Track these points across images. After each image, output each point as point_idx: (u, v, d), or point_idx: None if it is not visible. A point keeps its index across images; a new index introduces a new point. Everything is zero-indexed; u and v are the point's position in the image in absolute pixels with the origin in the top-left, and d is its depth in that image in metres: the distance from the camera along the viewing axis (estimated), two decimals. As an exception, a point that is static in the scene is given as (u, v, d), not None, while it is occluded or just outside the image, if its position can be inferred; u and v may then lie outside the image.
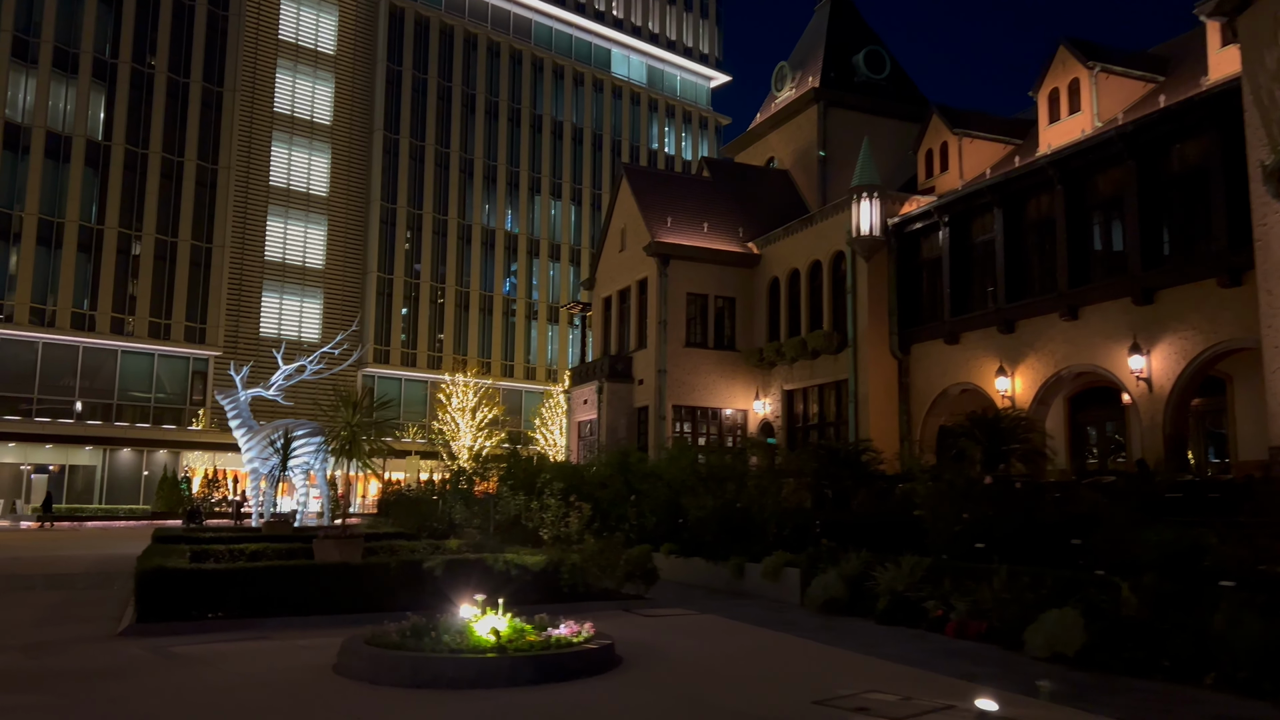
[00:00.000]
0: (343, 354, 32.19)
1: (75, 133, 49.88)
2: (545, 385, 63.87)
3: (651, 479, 17.73)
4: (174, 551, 13.85)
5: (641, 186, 36.82)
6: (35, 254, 48.37)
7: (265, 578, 11.57)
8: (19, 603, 14.15)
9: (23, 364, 48.22)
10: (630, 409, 35.51)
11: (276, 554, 15.89)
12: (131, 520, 45.93)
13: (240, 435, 28.54)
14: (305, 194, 58.78)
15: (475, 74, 64.61)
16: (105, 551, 25.15)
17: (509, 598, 12.27)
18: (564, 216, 68.04)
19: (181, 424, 52.44)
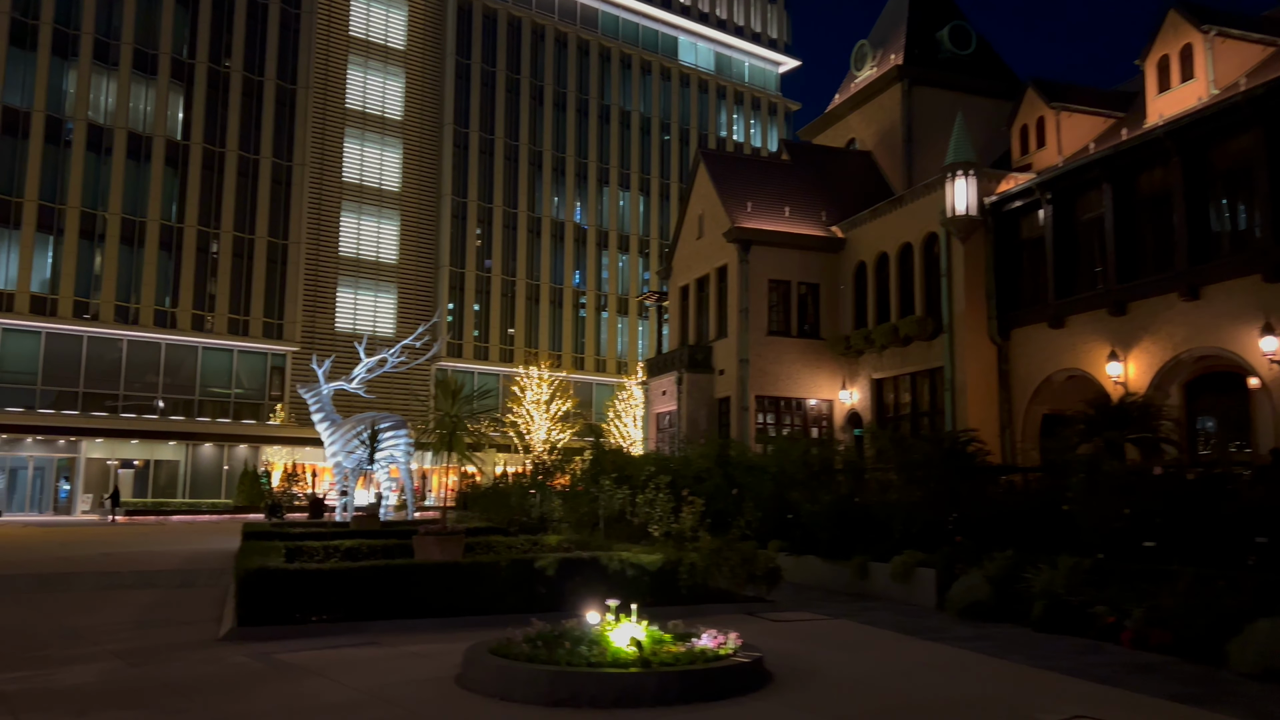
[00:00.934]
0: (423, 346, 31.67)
1: (155, 133, 50.31)
2: (615, 378, 63.13)
3: (756, 472, 16.66)
4: (270, 550, 13.20)
5: (719, 171, 35.69)
6: (119, 253, 48.93)
7: (369, 578, 10.79)
8: (115, 602, 13.63)
9: (108, 362, 48.83)
10: (710, 400, 34.45)
11: (373, 551, 15.21)
12: (214, 514, 46.24)
13: (323, 429, 28.17)
14: (378, 189, 58.73)
15: (543, 66, 63.97)
16: (194, 547, 24.90)
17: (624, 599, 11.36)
18: (632, 207, 67.14)
19: (260, 419, 52.73)
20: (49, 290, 47.31)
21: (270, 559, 11.37)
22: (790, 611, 12.04)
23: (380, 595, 10.83)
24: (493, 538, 16.25)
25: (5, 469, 47.31)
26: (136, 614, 12.36)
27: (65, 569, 18.48)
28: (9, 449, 46.76)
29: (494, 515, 23.06)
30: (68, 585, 15.56)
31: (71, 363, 47.77)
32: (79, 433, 47.18)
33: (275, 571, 10.38)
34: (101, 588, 15.31)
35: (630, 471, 20.53)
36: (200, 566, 19.22)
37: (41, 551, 22.90)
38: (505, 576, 11.14)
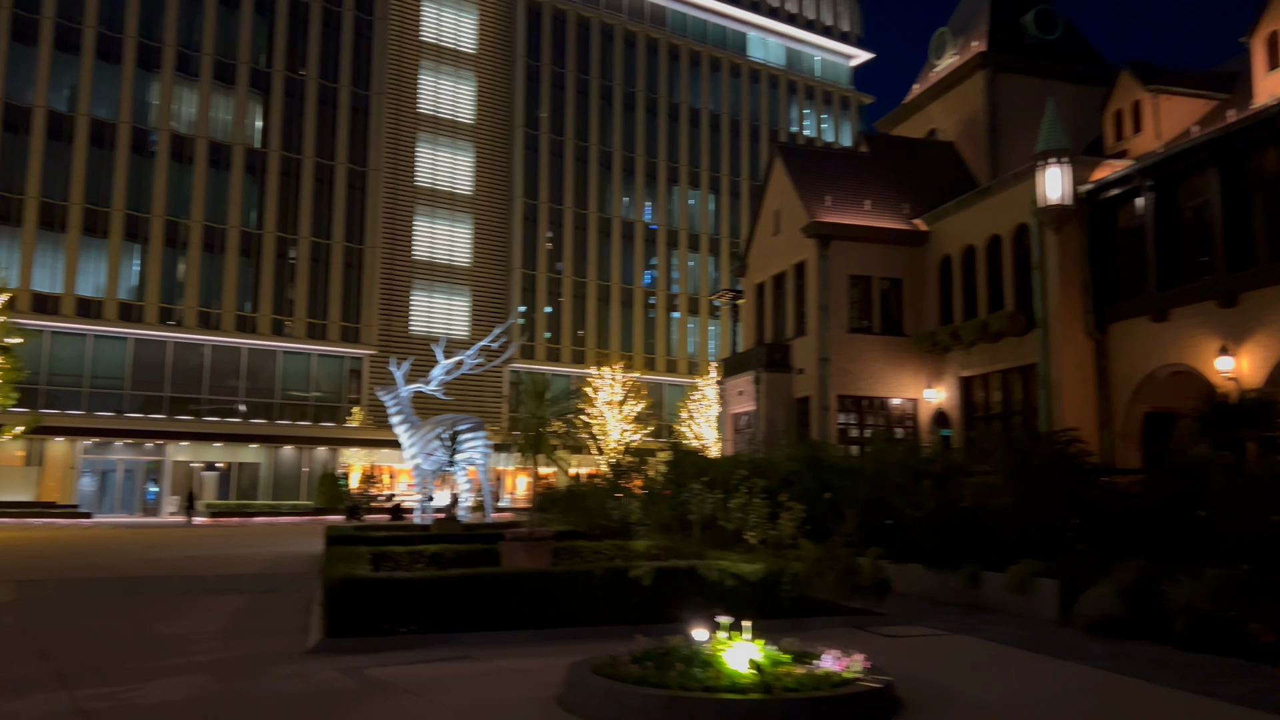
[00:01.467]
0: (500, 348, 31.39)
1: (235, 141, 51.13)
2: (686, 378, 62.43)
3: (850, 475, 15.83)
4: (356, 556, 12.82)
5: (796, 165, 34.75)
6: (201, 260, 49.81)
7: (459, 588, 10.28)
8: (201, 608, 13.40)
9: (192, 367, 49.74)
10: (789, 399, 33.54)
11: (458, 557, 14.77)
12: (295, 516, 46.73)
13: (402, 431, 28.01)
14: (450, 193, 58.95)
15: (612, 65, 63.61)
16: (276, 549, 24.89)
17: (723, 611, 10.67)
18: (703, 206, 66.38)
19: (338, 421, 53.24)
20: (136, 297, 48.34)
21: (357, 567, 10.95)
22: (902, 625, 11.23)
23: (470, 605, 10.32)
24: (577, 543, 15.70)
25: (97, 471, 48.46)
26: (222, 622, 12.07)
27: (152, 572, 18.46)
28: (100, 452, 47.88)
29: (574, 518, 22.56)
30: (155, 590, 15.45)
31: (157, 368, 48.75)
32: (165, 436, 48.11)
33: (363, 581, 9.93)
34: (187, 592, 15.14)
35: (714, 474, 19.86)
36: (283, 570, 19.05)
37: (129, 554, 23.07)
38: (599, 586, 10.54)
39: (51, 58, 46.72)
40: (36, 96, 46.20)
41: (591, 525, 20.19)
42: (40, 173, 46.03)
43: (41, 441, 45.38)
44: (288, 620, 12.02)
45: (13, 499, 44.13)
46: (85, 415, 46.24)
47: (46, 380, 45.78)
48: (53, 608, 13.50)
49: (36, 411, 40.87)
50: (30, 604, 13.86)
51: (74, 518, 42.50)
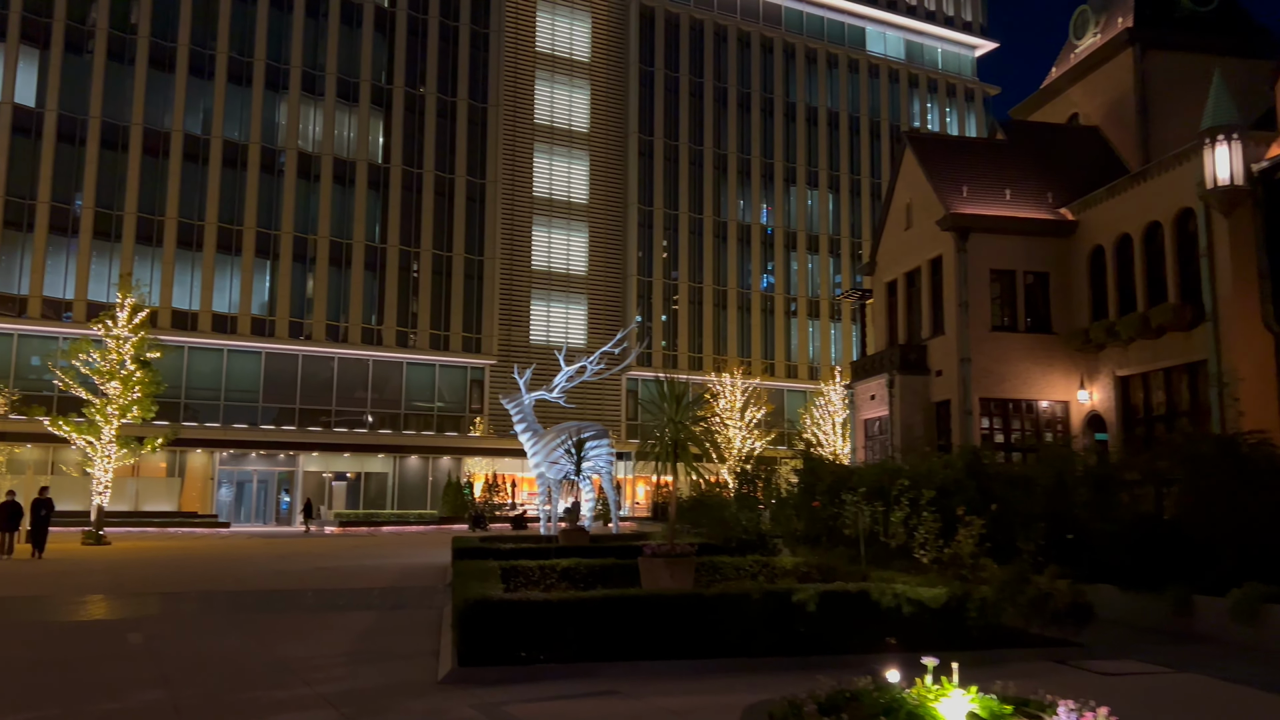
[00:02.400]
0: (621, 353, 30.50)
1: (358, 158, 51.98)
2: (807, 383, 60.54)
3: (1019, 485, 14.12)
4: (486, 572, 11.92)
5: (928, 155, 32.77)
6: (328, 275, 50.72)
7: (602, 612, 9.20)
8: (328, 626, 12.71)
9: (321, 379, 50.65)
10: (926, 403, 31.54)
11: (591, 573, 13.76)
12: (421, 525, 46.93)
13: (525, 439, 27.37)
14: (566, 202, 58.70)
15: (726, 67, 62.38)
16: (404, 560, 24.47)
17: (899, 641, 9.27)
18: (821, 206, 64.40)
19: (461, 431, 53.44)
20: (267, 312, 49.51)
21: (489, 586, 9.99)
22: (1109, 660, 9.60)
23: (613, 631, 9.22)
24: (716, 558, 14.48)
25: (233, 482, 49.80)
26: (349, 643, 11.31)
27: (281, 585, 18.09)
28: (236, 463, 49.16)
29: (705, 530, 21.32)
30: (282, 605, 14.94)
31: (288, 381, 49.80)
32: (296, 447, 49.08)
33: (497, 604, 8.94)
34: (315, 608, 14.55)
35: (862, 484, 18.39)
36: (411, 583, 18.44)
37: (260, 565, 22.97)
38: (757, 612, 9.30)
39: (187, 83, 48.35)
40: (174, 121, 47.86)
41: (725, 538, 18.93)
42: (178, 194, 47.63)
43: (182, 453, 46.85)
44: (417, 642, 11.17)
45: (157, 509, 45.63)
46: (222, 428, 47.52)
47: (186, 394, 47.24)
48: (182, 624, 13.05)
49: (176, 424, 42.07)
50: (161, 620, 13.46)
51: (212, 527, 43.60)
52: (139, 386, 31.69)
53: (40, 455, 44.07)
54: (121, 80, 47.10)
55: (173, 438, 35.81)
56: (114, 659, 10.39)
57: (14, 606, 14.81)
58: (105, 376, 31.55)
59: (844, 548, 14.32)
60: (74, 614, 14.00)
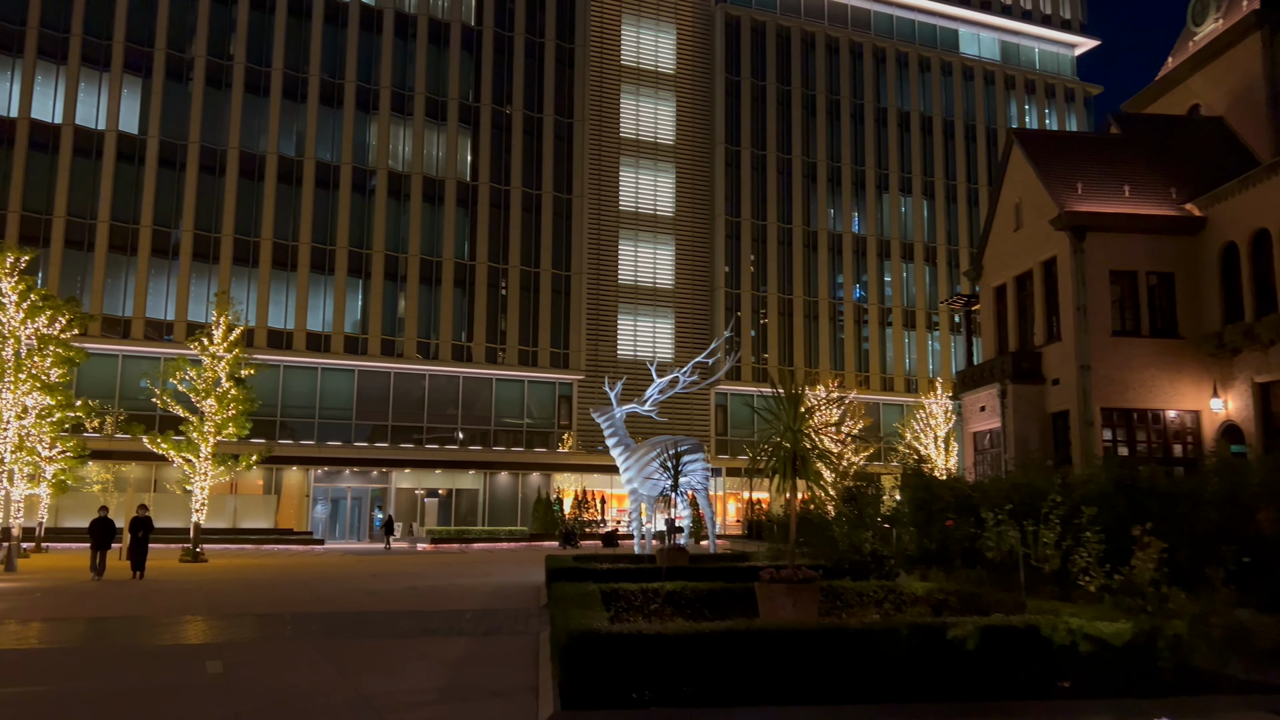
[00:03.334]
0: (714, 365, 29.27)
1: (446, 176, 52.01)
2: (904, 396, 58.30)
3: (1184, 501, 12.38)
4: (586, 597, 10.81)
5: (1038, 151, 30.81)
6: (419, 293, 50.75)
7: (724, 648, 7.98)
8: (419, 654, 11.77)
9: (412, 396, 50.63)
10: (1042, 414, 29.49)
11: (698, 598, 12.55)
12: (511, 542, 46.31)
13: (617, 454, 26.33)
14: (653, 215, 57.84)
15: (814, 74, 60.86)
16: (496, 580, 23.61)
17: (1076, 686, 7.81)
18: (915, 213, 62.19)
19: (550, 447, 52.81)
20: (360, 330, 49.72)
21: (593, 615, 8.87)
22: (1332, 710, 7.97)
23: (738, 671, 8.00)
24: (837, 583, 13.10)
25: (328, 499, 50.02)
26: (440, 676, 10.33)
27: (372, 606, 17.32)
28: (330, 480, 49.37)
29: (811, 550, 19.92)
30: (372, 629, 14.09)
31: (381, 398, 49.89)
32: (389, 464, 49.06)
33: (605, 638, 7.81)
34: (405, 633, 13.66)
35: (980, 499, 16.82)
36: (504, 604, 17.49)
37: (352, 584, 22.36)
38: (905, 649, 7.96)
39: (280, 107, 49.05)
40: (268, 144, 48.55)
41: (835, 559, 17.52)
42: (273, 216, 48.25)
43: (278, 471, 47.21)
44: (513, 676, 10.12)
45: (254, 526, 46.00)
46: (316, 445, 47.76)
47: (282, 412, 47.65)
48: (266, 651, 12.26)
49: (271, 442, 42.30)
50: (245, 646, 12.71)
51: (307, 544, 43.68)
52: (234, 404, 31.71)
53: (144, 473, 44.87)
54: (218, 105, 48.01)
55: (267, 455, 35.87)
56: (188, 691, 9.59)
57: (98, 630, 14.30)
58: (201, 394, 31.66)
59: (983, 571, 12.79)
60: (157, 638, 13.38)
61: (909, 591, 12.50)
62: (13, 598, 18.81)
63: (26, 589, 20.78)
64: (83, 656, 11.75)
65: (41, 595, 19.23)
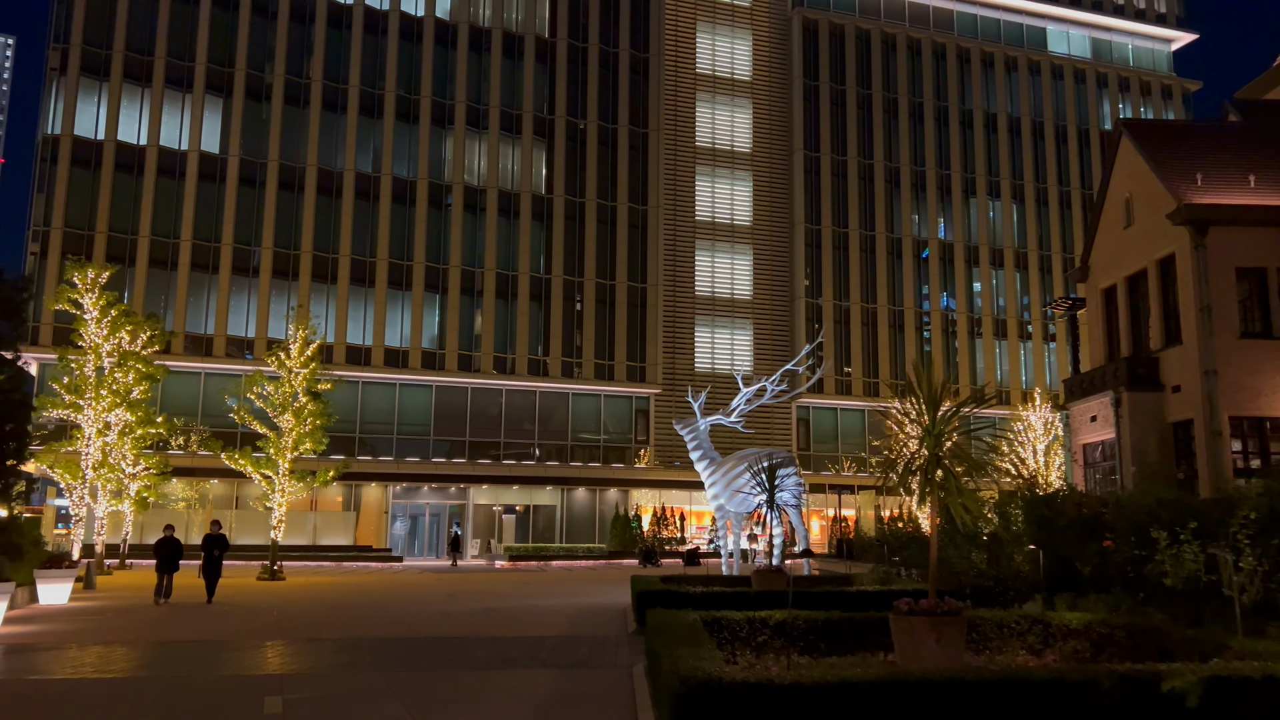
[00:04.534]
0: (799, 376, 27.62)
1: (522, 189, 51.32)
2: (996, 409, 55.50)
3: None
4: (690, 632, 9.35)
5: (1151, 142, 28.50)
6: (495, 307, 50.05)
7: (875, 702, 6.45)
8: (498, 690, 10.43)
9: (489, 412, 49.85)
10: (1161, 424, 27.07)
11: (814, 630, 11.02)
12: (590, 560, 45.03)
13: (702, 468, 24.77)
14: (730, 225, 56.34)
15: (895, 77, 58.77)
16: (577, 600, 22.27)
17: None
18: (1004, 218, 59.48)
19: (627, 462, 51.50)
20: (437, 346, 49.18)
21: (704, 654, 7.38)
22: None
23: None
24: (972, 613, 11.39)
25: (407, 515, 49.47)
26: (523, 716, 8.96)
27: (448, 630, 16.10)
28: (409, 497, 48.80)
29: (925, 573, 18.10)
30: (448, 658, 12.82)
31: (458, 414, 49.21)
32: (466, 480, 48.30)
33: (728, 689, 6.34)
34: (484, 664, 12.35)
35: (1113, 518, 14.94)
36: (589, 631, 16.11)
37: (428, 605, 21.24)
38: (1106, 705, 6.31)
39: (357, 123, 48.95)
40: (345, 161, 48.46)
41: (960, 584, 15.74)
42: (350, 232, 48.07)
43: (357, 487, 46.79)
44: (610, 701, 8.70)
45: (334, 543, 45.59)
46: (395, 461, 47.24)
47: (360, 429, 47.28)
48: (329, 684, 11.06)
49: (347, 458, 41.80)
50: (311, 678, 11.54)
51: (386, 561, 43.01)
52: (311, 418, 31.09)
53: (226, 490, 44.82)
54: (297, 123, 48.09)
55: (344, 471, 35.23)
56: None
57: (158, 657, 13.31)
58: (279, 409, 31.12)
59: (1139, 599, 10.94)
60: (217, 667, 12.31)
61: (1059, 623, 10.75)
62: (83, 618, 18.11)
63: (99, 608, 20.14)
64: (131, 689, 10.71)
65: (113, 616, 18.51)
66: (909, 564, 19.64)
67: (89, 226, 44.02)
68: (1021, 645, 10.73)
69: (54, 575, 21.04)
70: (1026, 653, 10.56)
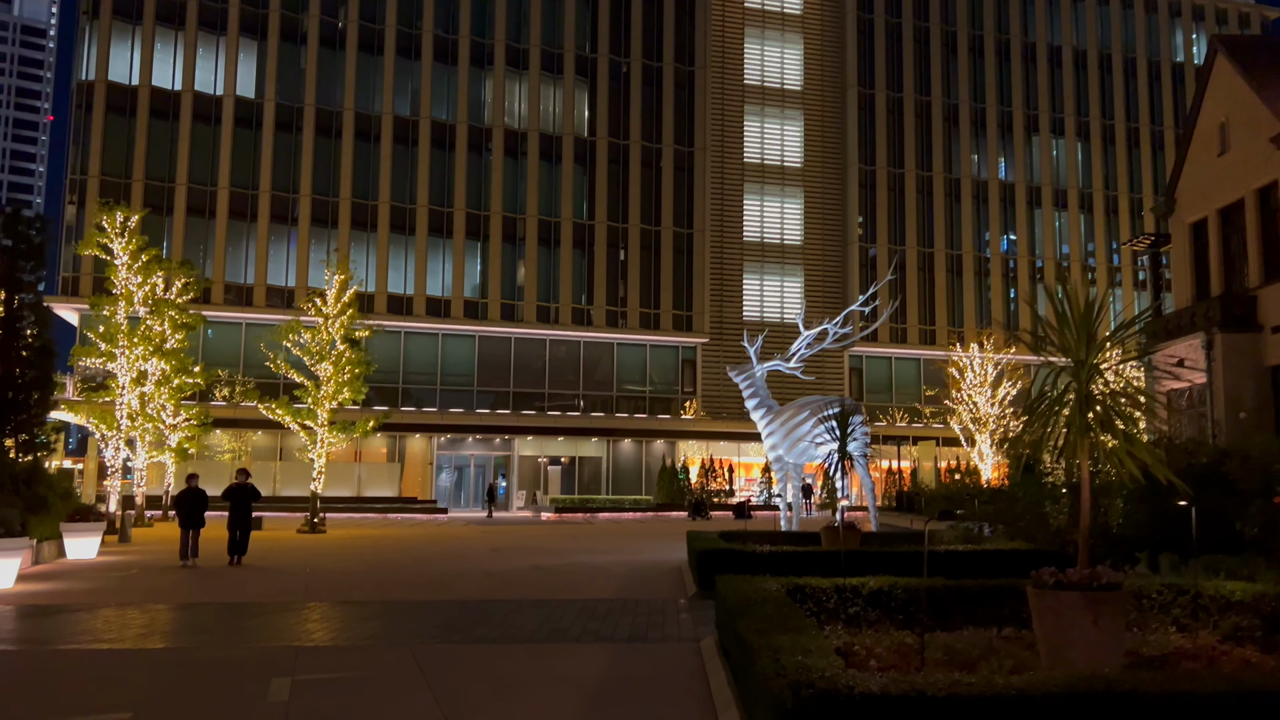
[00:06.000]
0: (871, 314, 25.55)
1: (564, 132, 49.26)
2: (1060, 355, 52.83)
3: None
4: (779, 608, 7.61)
5: (1251, 60, 25.74)
6: (537, 255, 48.33)
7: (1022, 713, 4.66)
8: (546, 674, 8.82)
9: (533, 362, 48.40)
10: (1258, 368, 24.71)
11: (912, 599, 9.26)
12: (637, 512, 43.63)
13: (759, 418, 22.93)
14: (779, 167, 53.83)
15: (954, 8, 55.39)
16: (629, 557, 20.71)
17: None
18: (1069, 156, 56.22)
19: (674, 413, 49.85)
20: (479, 295, 47.68)
21: (812, 649, 5.60)
22: None
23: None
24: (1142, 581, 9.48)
25: (452, 467, 48.43)
26: (576, 712, 7.32)
27: (491, 593, 14.59)
28: (453, 448, 47.70)
29: (1013, 530, 16.23)
30: (488, 626, 11.25)
31: (501, 364, 47.84)
32: (511, 431, 47.04)
33: (860, 701, 4.56)
34: (530, 636, 10.75)
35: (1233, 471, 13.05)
36: (644, 594, 14.51)
37: (470, 561, 19.80)
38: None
39: (395, 65, 47.08)
40: (383, 104, 46.69)
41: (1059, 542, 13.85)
42: (390, 178, 46.47)
43: (401, 438, 45.75)
44: (678, 689, 7.02)
45: (378, 494, 44.67)
46: (439, 412, 46.06)
47: (404, 379, 46.10)
48: (349, 661, 9.53)
49: (389, 409, 40.61)
50: (326, 653, 10.03)
51: (431, 513, 41.97)
52: (349, 367, 29.72)
53: (270, 442, 43.98)
54: (333, 66, 46.36)
55: (383, 421, 33.96)
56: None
57: (168, 623, 11.90)
58: (315, 358, 29.79)
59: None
60: (229, 637, 10.84)
61: (1213, 594, 8.86)
62: (105, 575, 16.91)
63: (126, 563, 18.97)
64: (121, 664, 9.26)
65: (136, 574, 17.27)
66: (993, 520, 17.72)
67: (125, 175, 42.85)
68: (1168, 620, 8.87)
69: (81, 529, 19.91)
70: (1175, 630, 8.70)
